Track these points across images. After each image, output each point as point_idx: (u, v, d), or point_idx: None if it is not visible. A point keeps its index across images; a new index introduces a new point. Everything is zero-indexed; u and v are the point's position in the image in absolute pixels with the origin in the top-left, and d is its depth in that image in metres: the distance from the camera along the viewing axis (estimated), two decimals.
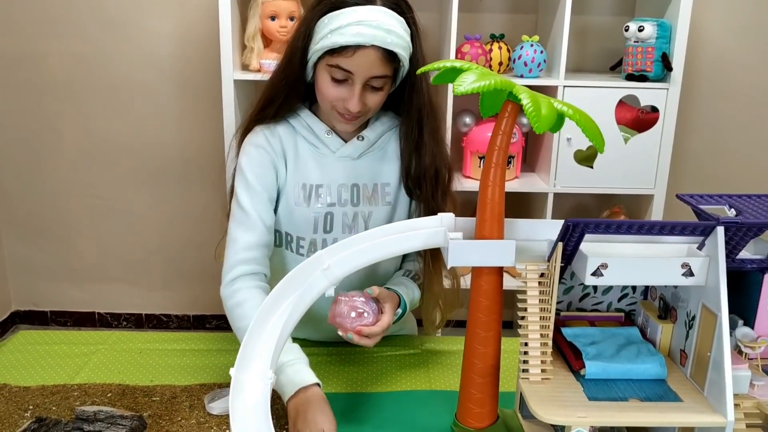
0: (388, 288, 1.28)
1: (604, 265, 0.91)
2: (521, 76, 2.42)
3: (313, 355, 1.21)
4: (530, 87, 0.98)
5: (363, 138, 1.33)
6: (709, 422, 0.88)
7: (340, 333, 1.17)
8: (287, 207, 1.32)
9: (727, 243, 0.93)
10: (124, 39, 2.75)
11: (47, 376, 1.26)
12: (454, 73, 0.94)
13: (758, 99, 2.82)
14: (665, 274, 0.92)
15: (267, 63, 2.35)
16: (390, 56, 1.20)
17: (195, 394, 1.20)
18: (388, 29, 1.17)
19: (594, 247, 0.94)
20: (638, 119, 2.49)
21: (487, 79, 0.88)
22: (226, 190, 2.41)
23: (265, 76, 2.38)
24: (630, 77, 2.48)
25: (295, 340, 1.19)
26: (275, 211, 1.33)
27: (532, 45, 2.43)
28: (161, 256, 3.07)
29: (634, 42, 2.44)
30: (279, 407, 1.12)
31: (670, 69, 2.41)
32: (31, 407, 1.15)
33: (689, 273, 0.91)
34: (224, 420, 1.13)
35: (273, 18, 2.35)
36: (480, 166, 2.53)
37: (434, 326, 1.40)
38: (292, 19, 2.36)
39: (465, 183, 2.51)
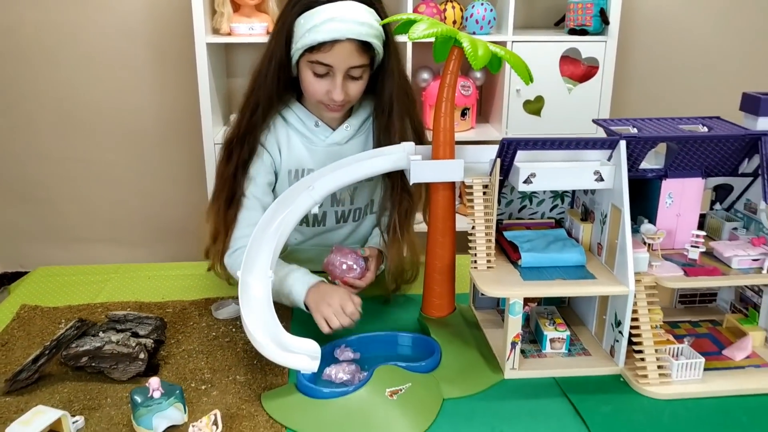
0: (371, 246, 1.49)
1: (533, 174, 1.15)
2: (473, 33, 2.64)
3: None
4: None
5: (349, 126, 1.45)
6: (615, 291, 1.13)
7: (329, 278, 1.38)
8: (282, 190, 1.42)
9: (629, 155, 1.18)
10: (98, 7, 2.88)
11: (71, 299, 1.46)
12: (409, 24, 1.16)
13: (690, 50, 3.10)
14: (581, 180, 1.16)
15: (237, 27, 2.52)
16: (365, 46, 1.30)
17: (202, 305, 1.42)
18: (360, 22, 1.27)
19: (526, 160, 1.17)
20: (580, 70, 2.74)
21: (435, 27, 1.11)
22: (203, 149, 2.61)
23: (235, 39, 2.56)
24: (572, 32, 2.72)
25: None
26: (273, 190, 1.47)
27: (482, 4, 2.64)
28: (142, 214, 3.24)
29: None
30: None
31: (607, 23, 2.65)
32: (63, 321, 1.36)
33: (600, 178, 1.16)
34: (229, 322, 1.35)
35: None
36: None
37: (389, 292, 1.47)
38: None
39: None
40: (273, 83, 1.35)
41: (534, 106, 2.76)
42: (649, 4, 3.03)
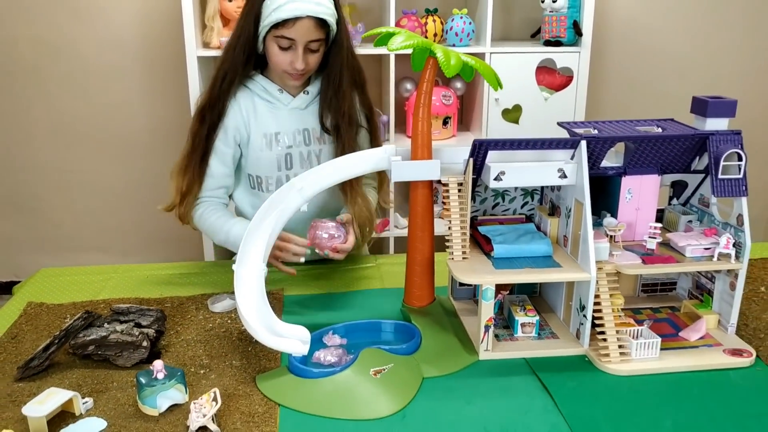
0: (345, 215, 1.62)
1: (503, 172, 1.26)
2: (453, 45, 2.77)
3: (300, 270, 1.59)
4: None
5: (308, 92, 1.66)
6: (579, 277, 1.24)
7: (317, 251, 1.50)
8: (254, 154, 1.65)
9: (590, 155, 1.29)
10: (90, 23, 2.98)
11: (75, 296, 1.55)
12: (389, 37, 1.27)
13: (660, 59, 3.25)
14: (547, 177, 1.27)
15: (226, 40, 2.62)
16: (321, 23, 1.52)
17: (199, 300, 1.52)
18: (317, 2, 1.50)
19: (497, 161, 1.28)
20: (555, 80, 2.87)
21: (412, 39, 1.22)
22: None
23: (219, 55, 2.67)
24: (547, 43, 2.85)
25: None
26: (247, 159, 1.66)
27: (461, 17, 2.77)
28: (132, 223, 3.32)
29: (550, 12, 2.81)
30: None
31: (580, 34, 2.78)
32: (67, 316, 1.45)
33: (563, 175, 1.27)
34: (225, 315, 1.45)
35: None
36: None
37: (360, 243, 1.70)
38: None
39: (408, 142, 2.84)
40: (240, 56, 1.57)
41: (512, 115, 2.88)
42: (621, 16, 3.18)
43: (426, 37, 2.82)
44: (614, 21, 3.18)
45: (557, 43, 2.82)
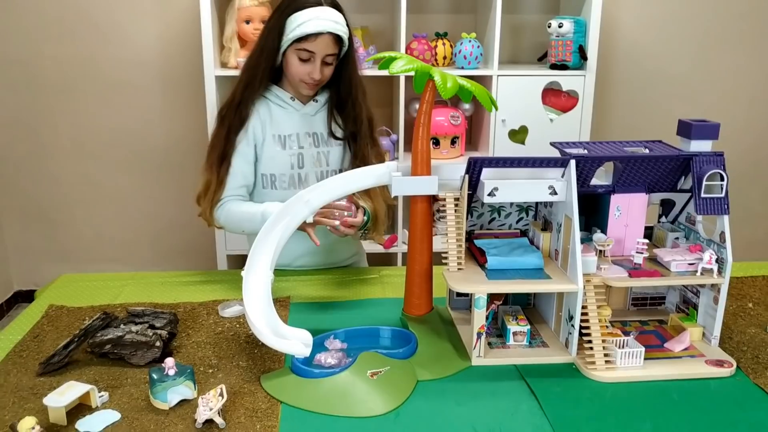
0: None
1: (496, 188, 1.34)
2: (462, 68, 2.86)
3: (306, 279, 1.72)
4: (468, 77, 1.41)
5: (317, 101, 1.83)
6: (566, 289, 1.31)
7: (329, 229, 1.64)
8: (269, 154, 1.78)
9: (580, 173, 1.37)
10: (114, 42, 3.12)
11: (93, 300, 1.64)
12: (391, 61, 1.36)
13: (665, 83, 3.33)
14: (538, 193, 1.35)
15: (243, 61, 2.73)
16: (337, 39, 1.69)
17: (210, 306, 1.60)
18: (335, 20, 1.67)
19: (492, 178, 1.36)
20: (561, 102, 2.95)
21: (412, 64, 1.31)
22: None
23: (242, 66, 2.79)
24: (553, 66, 2.94)
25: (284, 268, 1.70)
26: (261, 159, 1.79)
27: (470, 41, 2.87)
28: (149, 236, 3.43)
29: (556, 36, 2.90)
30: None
31: (585, 59, 2.87)
32: (86, 318, 1.54)
33: (554, 192, 1.35)
34: (234, 320, 1.53)
35: (248, 22, 2.74)
36: (431, 147, 2.96)
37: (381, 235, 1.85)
38: (264, 22, 2.75)
39: None
40: (261, 66, 1.74)
41: (519, 136, 2.96)
42: (625, 41, 3.27)
43: (436, 60, 2.93)
44: (619, 45, 3.27)
45: (563, 67, 2.91)
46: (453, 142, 2.98)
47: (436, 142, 2.94)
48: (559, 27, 2.86)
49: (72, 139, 3.25)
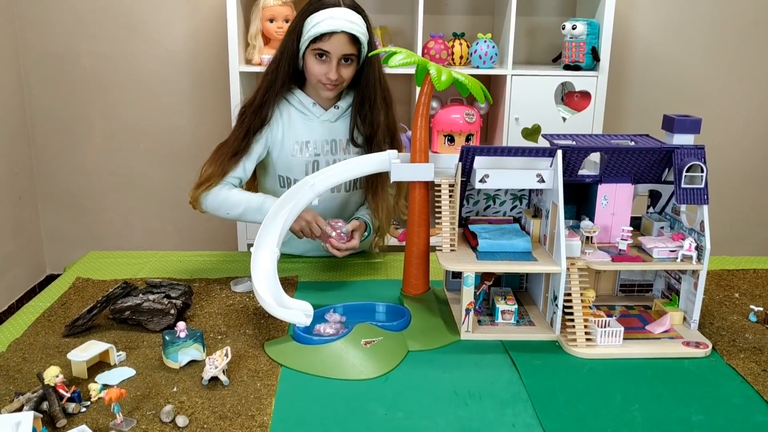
0: (358, 218, 1.84)
1: (487, 175, 1.43)
2: (477, 67, 2.95)
3: (309, 262, 1.83)
4: (484, 76, 1.51)
5: (338, 107, 1.86)
6: (550, 269, 1.40)
7: (321, 243, 1.72)
8: (286, 157, 1.85)
9: (568, 163, 1.46)
10: (144, 39, 3.27)
11: (117, 274, 1.77)
12: (392, 56, 1.46)
13: (677, 84, 3.38)
14: (526, 181, 1.44)
15: (267, 58, 2.86)
16: (353, 39, 1.73)
17: (223, 282, 1.72)
18: (351, 20, 1.71)
19: (484, 165, 1.46)
20: (574, 102, 3.02)
21: (410, 58, 1.41)
22: None
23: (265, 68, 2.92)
24: (567, 67, 3.01)
25: (295, 255, 1.84)
26: (274, 161, 1.87)
27: (485, 41, 2.95)
28: (175, 225, 3.58)
29: (570, 38, 2.97)
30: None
31: (598, 60, 2.94)
32: (110, 290, 1.66)
33: (541, 180, 1.44)
34: (245, 295, 1.64)
35: (271, 20, 2.87)
36: (446, 143, 3.05)
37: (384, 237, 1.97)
38: (287, 21, 2.87)
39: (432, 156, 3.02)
40: (284, 69, 1.78)
41: (531, 132, 3.03)
42: (638, 42, 3.33)
43: (452, 59, 3.02)
44: (632, 47, 3.33)
45: (576, 68, 2.98)
46: (468, 139, 3.04)
47: (451, 139, 3.00)
48: (573, 29, 2.93)
49: (103, 131, 3.42)
